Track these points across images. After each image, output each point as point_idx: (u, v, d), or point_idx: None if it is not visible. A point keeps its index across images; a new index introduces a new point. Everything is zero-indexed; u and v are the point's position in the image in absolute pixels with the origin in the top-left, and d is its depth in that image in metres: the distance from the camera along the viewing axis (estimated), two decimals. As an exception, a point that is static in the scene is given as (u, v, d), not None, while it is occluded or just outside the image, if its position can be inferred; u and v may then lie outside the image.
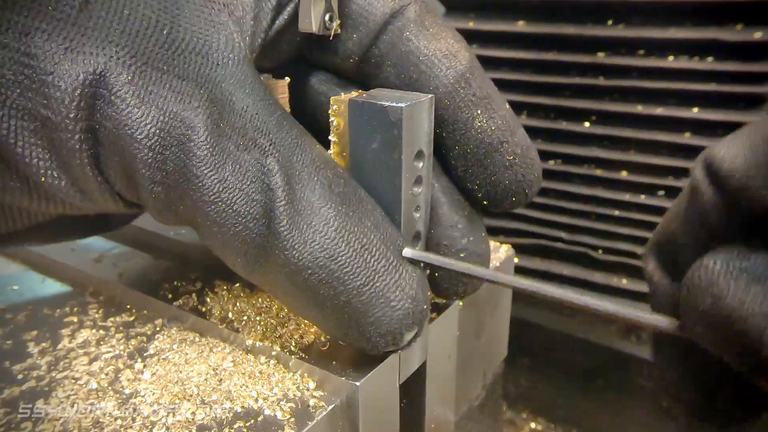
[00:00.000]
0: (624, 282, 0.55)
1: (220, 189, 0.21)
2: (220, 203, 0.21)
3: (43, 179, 0.21)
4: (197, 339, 0.29)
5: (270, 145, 0.22)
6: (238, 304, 0.30)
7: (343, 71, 0.27)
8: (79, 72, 0.20)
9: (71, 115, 0.20)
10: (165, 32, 0.21)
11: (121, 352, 0.28)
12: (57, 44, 0.20)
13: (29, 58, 0.20)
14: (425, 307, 0.23)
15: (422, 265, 0.24)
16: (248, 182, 0.21)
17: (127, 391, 0.26)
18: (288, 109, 0.27)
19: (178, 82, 0.21)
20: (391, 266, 0.22)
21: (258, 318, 0.29)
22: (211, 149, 0.20)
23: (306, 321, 0.29)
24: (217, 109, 0.21)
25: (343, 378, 0.25)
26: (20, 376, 0.27)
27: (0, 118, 0.20)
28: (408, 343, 0.23)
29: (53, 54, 0.20)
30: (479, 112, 0.25)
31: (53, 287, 0.35)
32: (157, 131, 0.20)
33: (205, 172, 0.21)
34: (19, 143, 0.20)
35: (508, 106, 0.26)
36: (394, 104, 0.23)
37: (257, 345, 0.28)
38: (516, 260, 0.59)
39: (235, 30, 0.22)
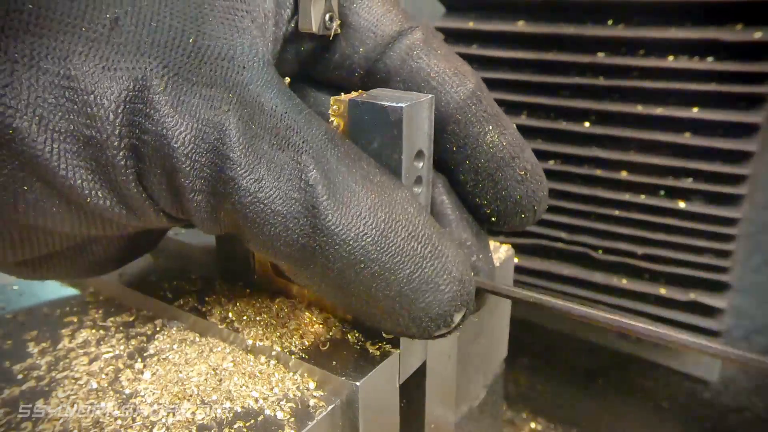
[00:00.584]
0: (624, 282, 0.55)
1: (257, 189, 0.21)
2: (258, 203, 0.21)
3: (88, 200, 0.21)
4: (197, 339, 0.29)
5: (303, 142, 0.22)
6: (238, 304, 0.30)
7: (348, 87, 0.27)
8: (121, 89, 0.20)
9: (117, 132, 0.20)
10: (191, 41, 0.21)
11: (121, 352, 0.28)
12: (94, 64, 0.20)
13: (69, 81, 0.20)
14: (471, 288, 0.24)
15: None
16: (285, 180, 0.21)
17: (127, 391, 0.26)
18: None
19: (207, 89, 0.21)
20: (437, 251, 0.23)
21: (258, 318, 0.29)
22: (244, 150, 0.21)
23: (306, 321, 0.29)
24: (248, 111, 0.21)
25: (343, 378, 0.25)
26: (20, 376, 0.27)
27: (44, 143, 0.20)
28: (458, 324, 0.24)
29: (92, 74, 0.20)
30: (490, 127, 0.26)
31: (53, 287, 0.35)
32: (192, 138, 0.20)
33: (240, 173, 0.21)
34: (62, 166, 0.20)
35: (515, 126, 0.27)
36: (394, 104, 0.23)
37: (257, 345, 0.28)
38: (516, 260, 0.59)
39: (258, 35, 0.23)
